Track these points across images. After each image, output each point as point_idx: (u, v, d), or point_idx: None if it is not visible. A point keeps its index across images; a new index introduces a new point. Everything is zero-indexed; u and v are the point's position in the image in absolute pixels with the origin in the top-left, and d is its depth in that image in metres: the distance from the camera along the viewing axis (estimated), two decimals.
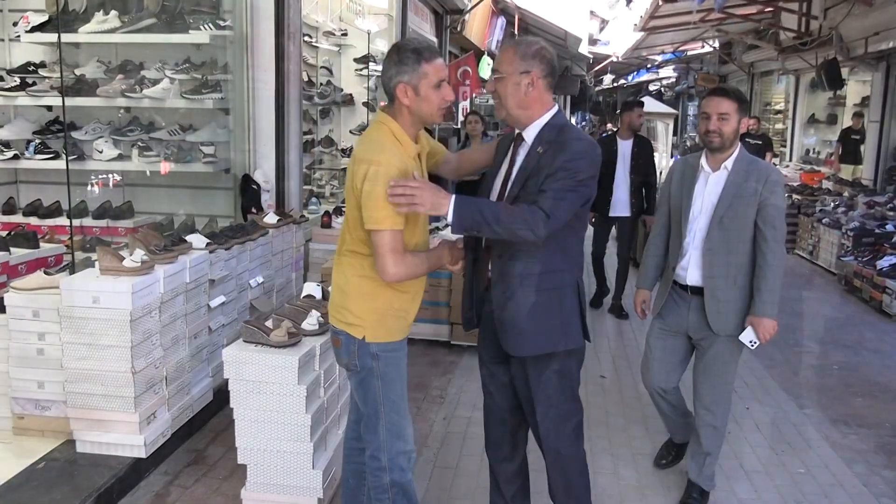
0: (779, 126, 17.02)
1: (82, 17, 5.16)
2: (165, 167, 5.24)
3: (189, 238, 4.06)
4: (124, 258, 3.49)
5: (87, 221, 5.20)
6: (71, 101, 5.16)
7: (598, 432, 4.45)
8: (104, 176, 5.33)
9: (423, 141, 2.73)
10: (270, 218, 5.03)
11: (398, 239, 2.48)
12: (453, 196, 2.45)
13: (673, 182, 3.56)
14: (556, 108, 2.71)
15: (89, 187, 5.29)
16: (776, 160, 14.57)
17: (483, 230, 2.49)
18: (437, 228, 5.74)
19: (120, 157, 5.21)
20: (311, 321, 3.48)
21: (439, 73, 2.53)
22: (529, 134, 2.69)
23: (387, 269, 2.48)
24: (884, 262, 7.68)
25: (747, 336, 3.35)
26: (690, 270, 3.41)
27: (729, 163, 3.34)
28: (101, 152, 5.19)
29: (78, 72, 5.25)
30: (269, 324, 3.51)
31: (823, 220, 9.78)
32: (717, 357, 3.45)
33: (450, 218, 2.44)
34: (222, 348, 4.23)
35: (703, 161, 3.42)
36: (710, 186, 3.37)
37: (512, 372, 2.84)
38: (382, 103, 9.18)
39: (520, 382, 2.81)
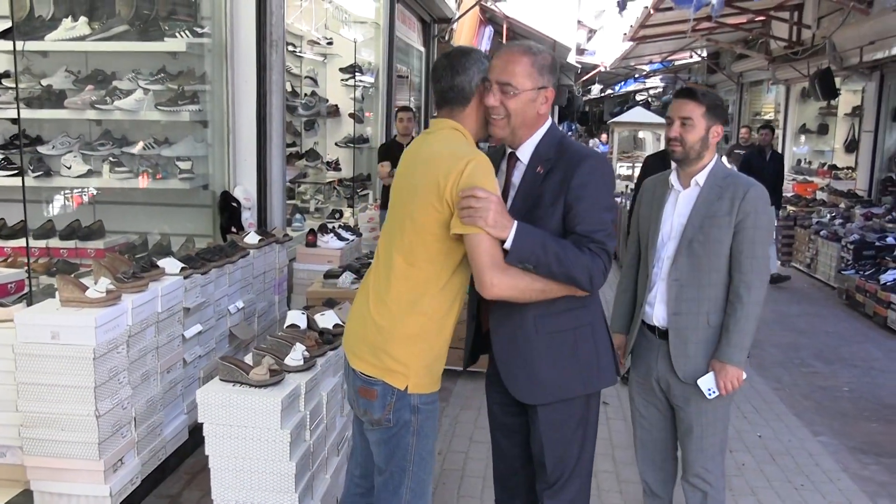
0: None
1: (49, 23, 4.83)
2: (139, 183, 4.90)
3: (161, 263, 3.72)
4: (87, 287, 3.15)
5: (54, 242, 4.85)
6: (37, 114, 4.83)
7: (604, 467, 4.14)
8: (73, 193, 5.00)
9: None
10: (251, 238, 4.71)
11: (493, 242, 2.15)
12: (516, 221, 2.16)
13: (643, 203, 3.06)
14: (550, 122, 2.42)
15: (54, 205, 4.93)
16: None
17: (539, 268, 2.18)
18: None
19: (90, 173, 4.86)
20: (296, 356, 3.15)
21: None
22: (524, 153, 2.38)
23: (490, 281, 2.14)
24: (888, 276, 7.46)
25: (706, 383, 2.80)
26: (657, 307, 2.90)
27: (701, 177, 2.83)
28: (69, 168, 4.85)
29: (45, 82, 4.91)
30: (248, 360, 3.19)
31: (821, 233, 9.57)
32: (701, 414, 2.86)
33: (508, 244, 2.14)
34: (199, 382, 3.94)
35: (672, 177, 2.92)
36: (679, 206, 2.87)
37: (528, 416, 2.52)
38: (368, 114, 8.88)
39: (533, 427, 2.49)
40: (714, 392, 2.81)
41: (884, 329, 7.26)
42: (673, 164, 2.95)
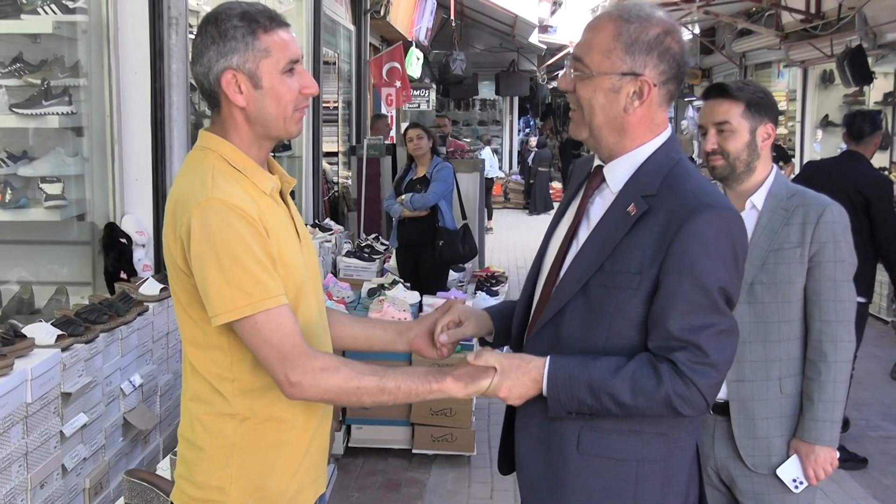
0: (781, 130, 17.14)
1: None
2: None
3: (28, 331, 3.35)
4: None
5: None
6: None
7: None
8: None
9: (281, 170, 2.09)
10: (150, 286, 4.34)
11: (282, 321, 1.83)
12: (547, 363, 1.92)
13: None
14: (667, 133, 2.03)
15: None
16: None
17: (598, 416, 1.94)
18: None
19: None
20: None
21: (289, 51, 1.91)
22: (616, 176, 2.01)
23: (287, 379, 1.83)
24: None
25: (789, 472, 2.68)
26: None
27: (758, 198, 2.74)
28: None
29: None
30: (162, 469, 2.82)
31: None
32: None
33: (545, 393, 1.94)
34: (83, 495, 3.56)
35: None
36: None
37: None
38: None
39: None
40: (802, 483, 2.68)
41: None
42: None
